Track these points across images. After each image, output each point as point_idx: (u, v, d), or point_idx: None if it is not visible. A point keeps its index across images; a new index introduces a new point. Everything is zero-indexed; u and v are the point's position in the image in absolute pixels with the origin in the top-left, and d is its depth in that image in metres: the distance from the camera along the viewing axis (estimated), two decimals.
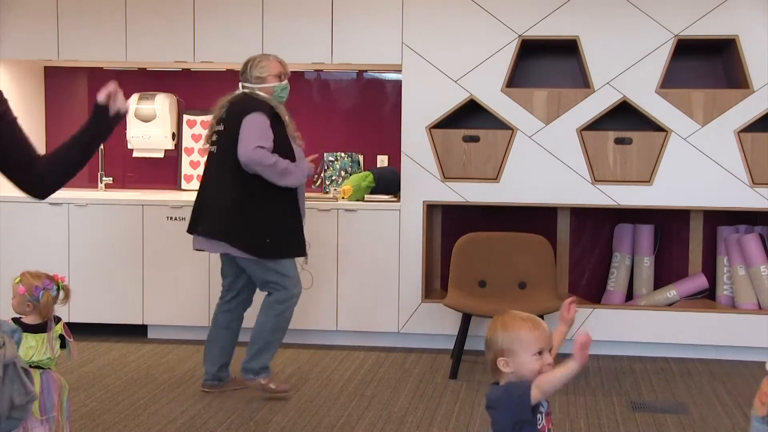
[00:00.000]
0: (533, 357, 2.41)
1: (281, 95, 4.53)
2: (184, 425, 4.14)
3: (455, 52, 5.39)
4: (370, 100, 6.03)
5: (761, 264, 5.37)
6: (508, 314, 2.50)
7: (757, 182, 5.26)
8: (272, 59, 4.55)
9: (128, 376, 4.91)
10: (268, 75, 4.51)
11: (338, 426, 4.15)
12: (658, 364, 5.26)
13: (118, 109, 2.80)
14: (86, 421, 4.16)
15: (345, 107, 6.06)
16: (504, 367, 2.43)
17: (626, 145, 5.31)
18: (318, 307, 5.04)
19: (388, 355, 5.37)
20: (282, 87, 4.52)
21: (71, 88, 6.24)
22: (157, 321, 5.66)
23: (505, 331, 2.44)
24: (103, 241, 5.61)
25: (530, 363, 2.41)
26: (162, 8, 5.62)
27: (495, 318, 2.51)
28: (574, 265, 5.86)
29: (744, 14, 5.20)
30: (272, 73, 4.51)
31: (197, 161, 6.13)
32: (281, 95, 4.53)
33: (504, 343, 2.43)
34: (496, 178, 5.41)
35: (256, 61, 4.53)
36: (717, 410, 4.44)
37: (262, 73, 4.51)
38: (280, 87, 4.52)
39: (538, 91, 5.38)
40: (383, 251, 5.43)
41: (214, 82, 6.15)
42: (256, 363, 4.48)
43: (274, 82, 4.51)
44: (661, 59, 5.26)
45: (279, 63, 4.55)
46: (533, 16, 5.32)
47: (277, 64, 4.54)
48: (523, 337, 2.41)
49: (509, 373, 2.43)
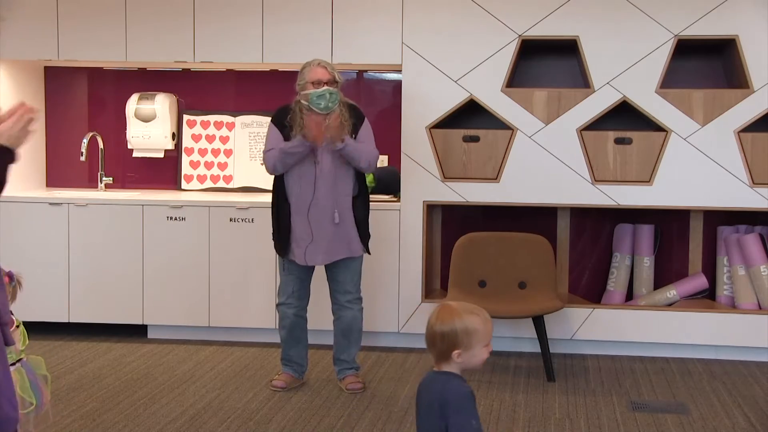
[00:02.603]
0: (484, 348, 2.57)
1: (317, 102, 4.48)
2: (184, 425, 4.14)
3: (455, 52, 5.39)
4: (370, 100, 6.03)
5: (761, 264, 5.37)
6: (458, 307, 2.61)
7: (757, 182, 5.26)
8: (313, 66, 4.56)
9: (128, 376, 4.91)
10: (305, 83, 4.54)
11: (338, 426, 4.15)
12: (658, 364, 5.26)
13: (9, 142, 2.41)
14: (86, 421, 4.16)
15: None
16: (457, 358, 2.56)
17: (626, 145, 5.31)
18: (318, 307, 5.04)
19: (388, 355, 5.37)
20: (317, 94, 4.48)
21: (71, 88, 6.24)
22: (157, 321, 5.66)
23: (462, 325, 2.55)
24: (103, 241, 5.61)
25: (481, 354, 2.57)
26: (162, 8, 5.63)
27: (445, 311, 2.61)
28: (574, 265, 5.86)
29: (744, 14, 5.20)
30: (308, 80, 4.53)
31: (197, 161, 6.13)
32: (317, 102, 4.48)
33: (461, 336, 2.55)
34: (496, 178, 5.41)
35: (301, 68, 4.60)
36: (717, 410, 4.44)
37: (300, 80, 4.57)
38: (315, 94, 4.49)
39: (538, 91, 5.38)
40: (383, 251, 5.43)
41: (214, 82, 6.16)
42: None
43: (310, 89, 4.51)
44: (661, 59, 5.26)
45: (318, 69, 4.52)
46: (533, 16, 5.32)
47: (316, 71, 4.52)
48: (480, 330, 2.55)
49: (458, 362, 2.57)
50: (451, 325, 2.56)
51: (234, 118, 6.13)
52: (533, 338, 5.11)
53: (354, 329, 4.73)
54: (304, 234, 4.57)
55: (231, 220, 5.54)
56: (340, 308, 4.71)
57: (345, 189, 4.60)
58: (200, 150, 6.13)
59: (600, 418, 4.30)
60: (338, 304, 4.71)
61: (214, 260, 5.56)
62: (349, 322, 4.70)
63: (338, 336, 4.75)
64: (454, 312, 2.58)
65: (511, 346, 5.49)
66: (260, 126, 6.08)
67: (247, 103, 6.11)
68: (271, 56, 5.56)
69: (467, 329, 2.54)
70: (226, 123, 6.13)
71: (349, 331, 4.72)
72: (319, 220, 4.55)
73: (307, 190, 4.54)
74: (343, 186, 4.59)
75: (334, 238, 4.58)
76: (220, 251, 5.55)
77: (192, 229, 5.56)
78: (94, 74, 6.24)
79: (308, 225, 4.55)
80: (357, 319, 4.72)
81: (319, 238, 4.56)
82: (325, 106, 4.50)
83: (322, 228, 4.56)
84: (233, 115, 6.14)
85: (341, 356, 4.75)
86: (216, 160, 6.13)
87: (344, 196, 4.60)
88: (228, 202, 5.57)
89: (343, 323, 4.71)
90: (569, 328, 5.39)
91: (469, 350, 2.55)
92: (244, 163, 6.10)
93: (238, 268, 5.54)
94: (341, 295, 4.69)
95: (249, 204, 5.52)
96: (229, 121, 6.13)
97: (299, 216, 4.57)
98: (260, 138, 6.07)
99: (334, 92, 4.51)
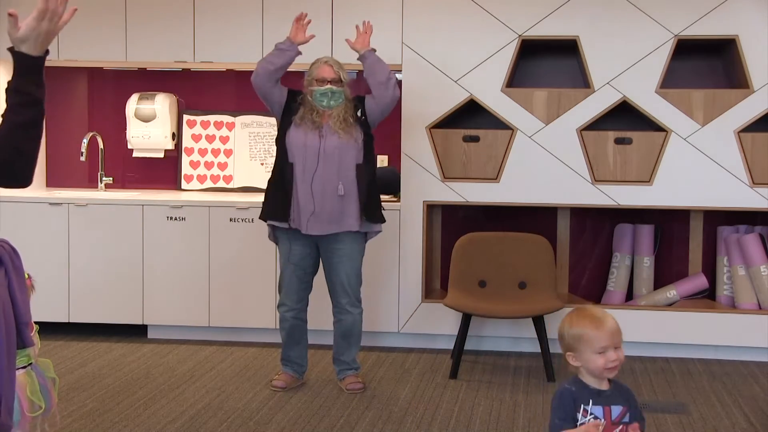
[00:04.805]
0: (596, 355, 2.51)
1: (320, 99, 4.53)
2: (184, 425, 4.14)
3: (455, 52, 5.39)
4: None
5: (761, 264, 5.37)
6: (578, 311, 2.61)
7: (757, 182, 5.26)
8: (321, 63, 4.62)
9: (128, 376, 4.91)
10: (312, 79, 4.59)
11: (338, 426, 4.15)
12: (658, 364, 5.26)
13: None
14: (86, 421, 4.16)
15: None
16: (573, 362, 2.55)
17: (626, 145, 5.31)
18: (318, 307, 5.04)
19: (388, 355, 5.37)
20: (320, 92, 4.53)
21: (71, 88, 6.24)
22: (157, 321, 5.66)
23: (570, 329, 2.56)
24: (103, 241, 5.61)
25: (594, 360, 2.52)
26: (162, 8, 5.63)
27: (568, 313, 2.63)
28: (574, 265, 5.86)
29: (744, 14, 5.20)
30: (314, 77, 4.58)
31: (197, 161, 6.13)
32: (320, 99, 4.53)
33: (570, 340, 2.55)
34: (496, 178, 5.41)
35: (311, 64, 4.64)
36: (717, 410, 4.44)
37: (308, 76, 4.63)
38: (318, 92, 4.54)
39: (538, 91, 5.38)
40: (383, 251, 5.43)
41: (214, 82, 6.16)
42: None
43: (315, 86, 4.56)
44: (661, 59, 5.26)
45: (324, 68, 4.57)
46: (533, 16, 5.32)
47: (322, 68, 4.58)
48: (584, 335, 2.53)
49: (578, 366, 2.56)
50: (562, 327, 2.60)
51: (234, 118, 6.13)
52: (533, 338, 5.11)
53: (354, 333, 4.73)
54: (307, 204, 4.52)
55: (231, 220, 5.54)
56: (341, 311, 4.70)
57: (350, 162, 4.56)
58: (200, 150, 6.13)
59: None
60: (338, 307, 4.70)
61: (214, 260, 5.56)
62: (349, 326, 4.70)
63: (338, 338, 4.75)
64: (569, 315, 2.62)
65: (511, 346, 5.49)
66: (260, 126, 6.09)
67: (247, 103, 6.11)
68: None
69: (573, 334, 2.55)
70: (226, 123, 6.13)
71: (349, 335, 4.72)
72: (323, 192, 4.51)
73: (311, 160, 4.52)
74: (349, 159, 4.55)
75: (335, 210, 4.54)
76: (220, 251, 5.55)
77: (192, 229, 5.56)
78: (94, 74, 6.24)
79: (311, 196, 4.52)
80: (357, 322, 4.71)
81: (321, 211, 4.52)
82: (327, 104, 4.53)
83: (325, 200, 4.52)
84: (233, 115, 6.14)
85: (341, 357, 4.75)
86: (216, 160, 6.13)
87: (349, 170, 4.56)
88: (228, 202, 5.57)
89: (343, 327, 4.71)
90: None
91: (581, 356, 2.54)
92: (244, 163, 6.10)
93: (238, 268, 5.54)
94: (341, 297, 4.68)
95: (249, 204, 5.52)
96: (229, 121, 6.13)
97: (303, 184, 4.53)
98: (260, 138, 6.07)
99: (337, 91, 4.52)
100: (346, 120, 4.55)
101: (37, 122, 2.18)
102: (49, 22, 2.17)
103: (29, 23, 2.16)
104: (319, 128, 4.53)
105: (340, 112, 4.55)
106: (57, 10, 2.17)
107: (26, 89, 2.17)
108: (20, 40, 2.18)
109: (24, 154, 2.16)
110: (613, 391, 2.57)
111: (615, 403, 2.54)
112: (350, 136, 4.54)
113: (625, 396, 2.59)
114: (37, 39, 2.17)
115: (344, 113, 4.56)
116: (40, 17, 2.16)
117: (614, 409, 2.53)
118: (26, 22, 2.16)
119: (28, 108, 2.16)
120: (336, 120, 4.54)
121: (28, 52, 2.18)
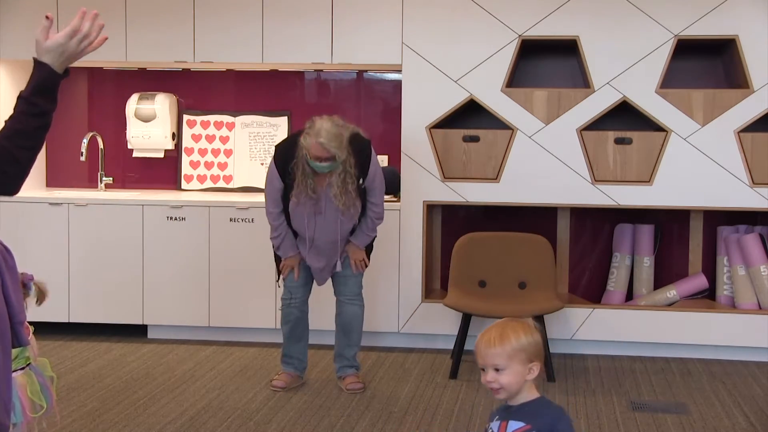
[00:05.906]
0: (482, 371, 2.43)
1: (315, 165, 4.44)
2: (184, 425, 4.14)
3: (455, 52, 5.39)
4: (369, 100, 6.03)
5: (761, 264, 5.37)
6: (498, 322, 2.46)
7: (757, 182, 5.26)
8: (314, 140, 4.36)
9: (128, 376, 4.91)
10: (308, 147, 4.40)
11: (338, 426, 4.15)
12: (658, 364, 5.26)
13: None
14: (86, 421, 4.16)
15: (345, 107, 6.05)
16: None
17: (626, 145, 5.31)
18: (317, 306, 5.04)
19: (388, 355, 5.37)
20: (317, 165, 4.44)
21: (71, 88, 6.23)
22: (157, 321, 5.66)
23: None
24: (103, 241, 5.61)
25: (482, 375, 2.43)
26: (162, 8, 5.62)
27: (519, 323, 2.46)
28: (574, 265, 5.86)
29: (744, 14, 5.20)
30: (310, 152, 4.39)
31: (197, 161, 6.13)
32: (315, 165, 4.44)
33: None
34: (496, 178, 5.41)
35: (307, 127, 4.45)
36: (717, 410, 4.44)
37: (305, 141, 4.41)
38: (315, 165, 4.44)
39: (538, 91, 5.38)
40: (383, 251, 5.42)
41: (214, 82, 6.16)
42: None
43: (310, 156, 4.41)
44: (661, 59, 5.26)
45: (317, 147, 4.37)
46: (533, 16, 5.32)
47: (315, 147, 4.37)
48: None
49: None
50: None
51: (234, 118, 6.13)
52: None
53: (354, 328, 4.74)
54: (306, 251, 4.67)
55: (231, 220, 5.54)
56: (342, 303, 4.76)
57: (349, 224, 4.64)
58: (200, 150, 6.13)
59: (600, 418, 4.30)
60: (340, 300, 4.77)
61: (214, 260, 5.56)
62: (350, 318, 4.73)
63: (339, 332, 4.78)
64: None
65: None
66: (260, 126, 6.09)
67: (247, 103, 6.11)
68: (271, 56, 5.55)
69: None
70: (226, 123, 6.13)
71: (349, 329, 4.74)
72: (321, 253, 4.65)
73: (309, 228, 4.59)
74: (348, 222, 4.63)
75: (333, 250, 4.66)
76: (220, 251, 5.55)
77: (192, 229, 5.56)
78: (94, 74, 6.24)
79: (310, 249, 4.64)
80: (358, 315, 4.74)
81: (320, 255, 4.67)
82: (322, 170, 4.47)
83: (324, 257, 4.66)
84: (233, 115, 6.14)
85: (342, 352, 4.76)
86: (216, 160, 6.13)
87: (347, 229, 4.66)
88: (228, 202, 5.57)
89: (344, 318, 4.75)
90: (569, 328, 5.39)
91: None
92: (244, 163, 6.10)
93: (238, 268, 5.54)
94: (344, 288, 4.75)
95: (249, 204, 5.52)
96: (229, 121, 6.13)
97: (302, 244, 4.67)
98: (260, 138, 6.07)
99: (334, 164, 4.45)
100: (346, 190, 4.50)
101: (39, 133, 2.19)
102: (78, 43, 2.17)
103: (58, 38, 2.15)
104: (317, 201, 4.52)
105: (339, 180, 4.48)
106: (90, 34, 2.19)
107: (37, 101, 2.19)
108: (45, 49, 2.17)
109: (19, 162, 2.14)
110: (521, 408, 2.36)
111: (515, 419, 2.34)
112: (350, 206, 4.55)
113: (535, 415, 2.33)
114: (61, 55, 2.18)
115: (344, 178, 4.49)
116: (71, 35, 2.16)
117: (511, 424, 2.33)
118: (56, 36, 2.15)
119: (35, 118, 2.18)
120: (335, 188, 4.48)
121: (47, 62, 2.17)
